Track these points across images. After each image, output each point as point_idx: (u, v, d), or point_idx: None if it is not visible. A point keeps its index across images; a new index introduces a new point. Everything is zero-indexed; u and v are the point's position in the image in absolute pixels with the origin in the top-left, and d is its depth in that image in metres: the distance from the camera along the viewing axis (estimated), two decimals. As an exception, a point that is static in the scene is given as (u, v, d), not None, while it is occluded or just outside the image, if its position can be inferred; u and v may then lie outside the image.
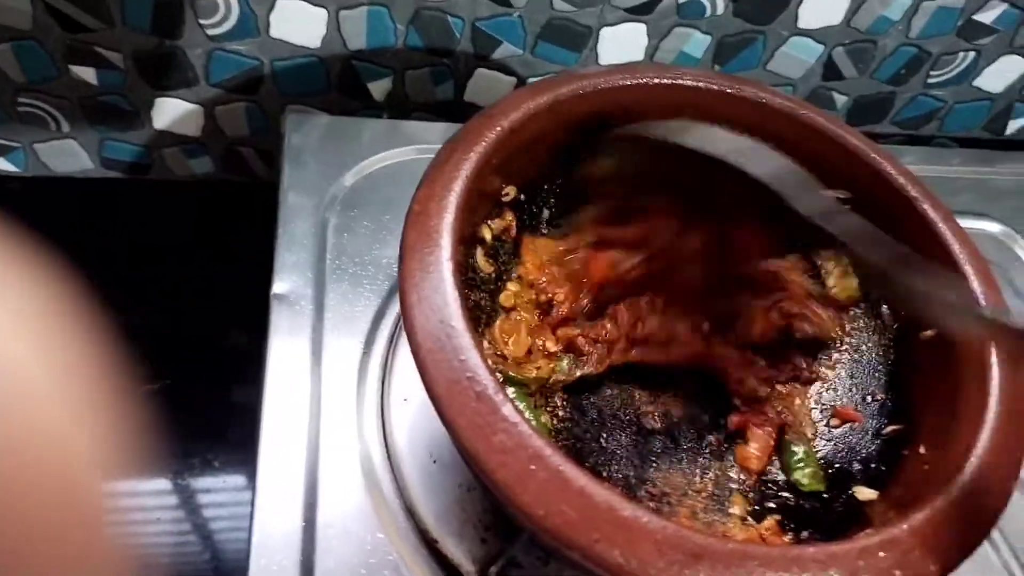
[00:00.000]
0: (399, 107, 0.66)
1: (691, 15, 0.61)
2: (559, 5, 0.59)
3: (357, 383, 0.45)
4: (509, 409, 0.31)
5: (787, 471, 0.41)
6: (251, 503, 0.40)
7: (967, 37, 0.67)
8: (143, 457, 0.23)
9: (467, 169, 0.37)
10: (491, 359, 0.40)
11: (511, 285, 0.43)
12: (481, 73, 0.64)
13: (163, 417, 0.24)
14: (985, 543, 0.45)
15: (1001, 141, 0.78)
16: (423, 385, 0.32)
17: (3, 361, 0.20)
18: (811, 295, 0.43)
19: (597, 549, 0.28)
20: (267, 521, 0.40)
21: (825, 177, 0.43)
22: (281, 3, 0.56)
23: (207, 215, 0.70)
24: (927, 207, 0.40)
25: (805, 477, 0.40)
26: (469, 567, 0.39)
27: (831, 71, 0.68)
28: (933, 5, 0.63)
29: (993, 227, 0.63)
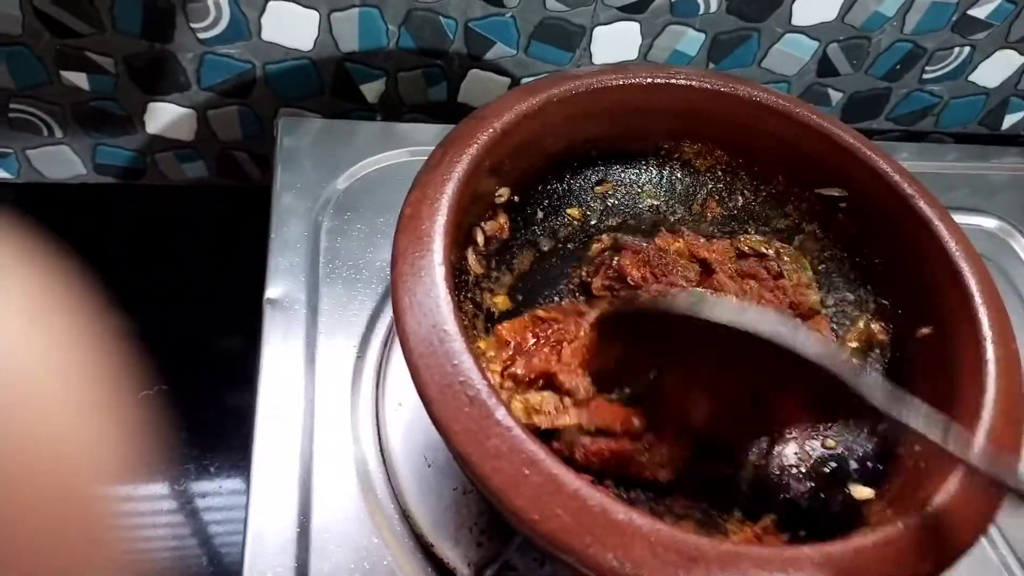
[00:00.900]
0: (393, 109, 0.66)
1: (685, 13, 0.61)
2: (552, 5, 0.59)
3: (351, 387, 0.45)
4: (503, 414, 0.30)
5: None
6: (245, 507, 0.40)
7: (962, 32, 0.67)
8: (142, 461, 0.23)
9: (459, 172, 0.37)
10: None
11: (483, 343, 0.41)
12: (475, 74, 0.64)
13: (158, 421, 0.24)
14: (983, 540, 0.46)
15: (997, 136, 0.78)
16: (416, 389, 0.32)
17: (6, 363, 0.20)
18: None
19: (591, 552, 0.28)
20: (261, 525, 0.39)
21: (820, 175, 0.43)
22: (272, 6, 0.56)
23: (201, 220, 0.70)
24: (923, 205, 0.40)
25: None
26: (465, 571, 0.39)
27: (826, 68, 0.68)
28: (927, 1, 0.63)
29: (989, 222, 0.63)
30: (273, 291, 0.47)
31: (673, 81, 0.42)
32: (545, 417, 0.38)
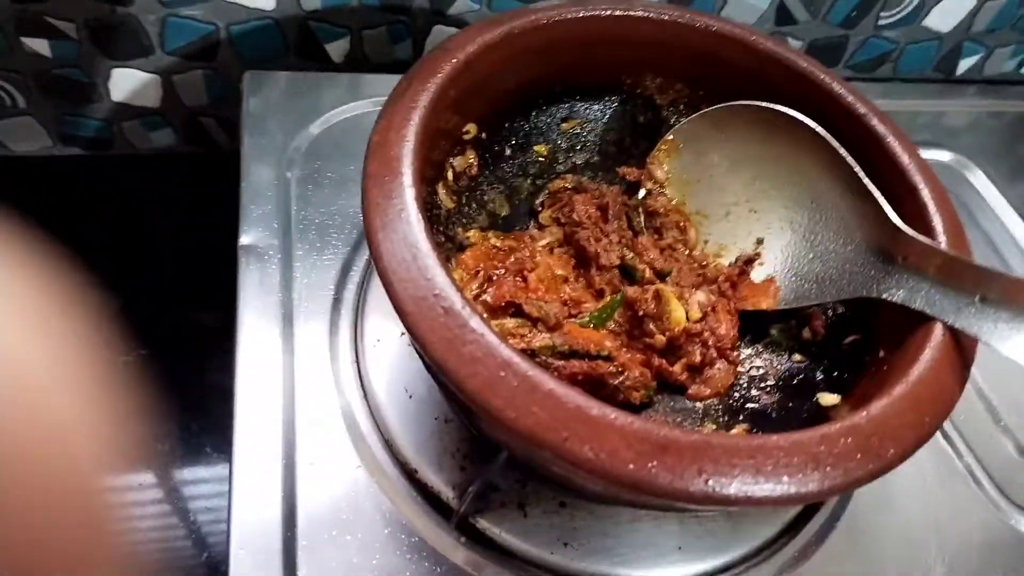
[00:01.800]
0: (358, 68, 0.66)
1: (644, -38, 0.62)
2: (513, -44, 0.59)
3: (329, 329, 0.45)
4: (477, 322, 0.31)
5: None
6: (230, 450, 0.41)
7: (914, -24, 0.68)
8: (136, 439, 0.23)
9: (424, 100, 0.37)
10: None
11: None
12: (439, 30, 0.64)
13: (143, 390, 0.24)
14: (948, 450, 0.47)
15: (953, 81, 0.80)
16: (392, 304, 0.32)
17: (3, 350, 0.20)
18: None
19: (568, 446, 0.29)
20: (247, 464, 0.40)
21: (779, 103, 0.44)
22: (233, -37, 0.56)
23: (172, 189, 0.70)
24: (875, 123, 0.41)
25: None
26: (449, 493, 0.40)
27: (784, 16, 0.69)
28: (879, -56, 0.64)
29: (945, 156, 0.65)
30: (246, 238, 0.47)
31: (632, 13, 0.43)
32: (518, 339, 0.39)
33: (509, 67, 0.42)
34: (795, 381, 0.42)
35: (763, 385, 0.42)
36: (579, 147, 0.49)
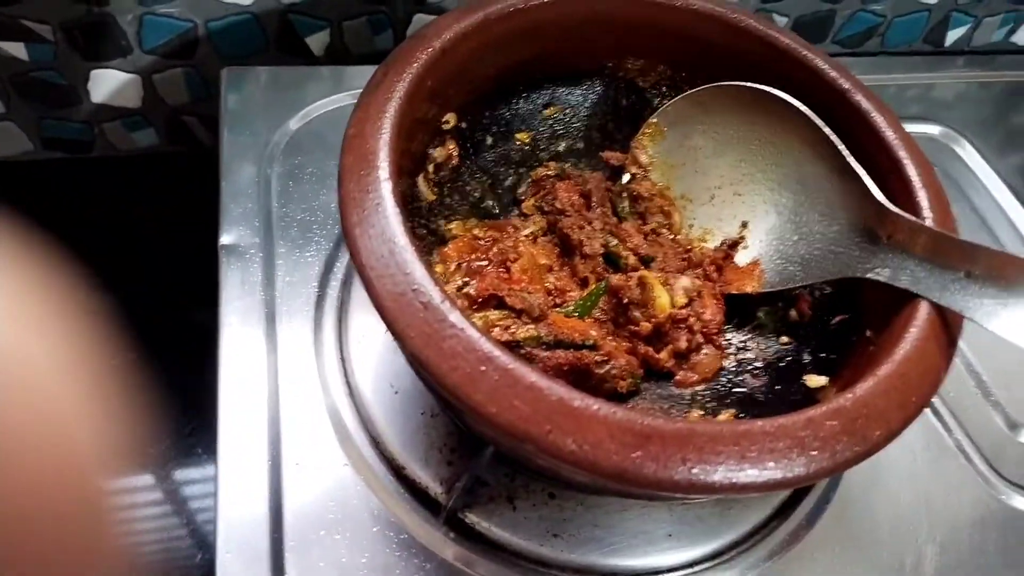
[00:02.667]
0: (340, 61, 0.65)
1: (624, -57, 0.61)
2: (490, -59, 0.59)
3: (313, 327, 0.45)
4: (456, 316, 0.31)
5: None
6: (215, 452, 0.40)
7: (899, -53, 0.67)
8: (135, 442, 0.23)
9: (400, 91, 0.37)
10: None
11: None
12: (420, 19, 0.64)
13: (136, 392, 0.24)
14: (939, 427, 0.47)
15: (942, 53, 0.79)
16: (371, 301, 0.32)
17: (5, 350, 0.20)
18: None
19: (551, 439, 0.29)
20: (233, 465, 0.40)
21: (762, 80, 0.43)
22: (207, -42, 0.55)
23: (158, 189, 0.69)
24: (859, 98, 0.41)
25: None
26: (437, 488, 0.40)
27: (769, -8, 0.69)
28: (862, -83, 0.63)
29: (933, 129, 0.64)
30: (227, 238, 0.47)
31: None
32: (503, 331, 0.39)
33: (487, 54, 0.42)
34: (783, 364, 0.41)
35: (751, 369, 0.42)
36: (562, 134, 0.48)
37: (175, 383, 0.56)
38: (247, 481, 0.39)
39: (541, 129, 0.48)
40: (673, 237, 0.45)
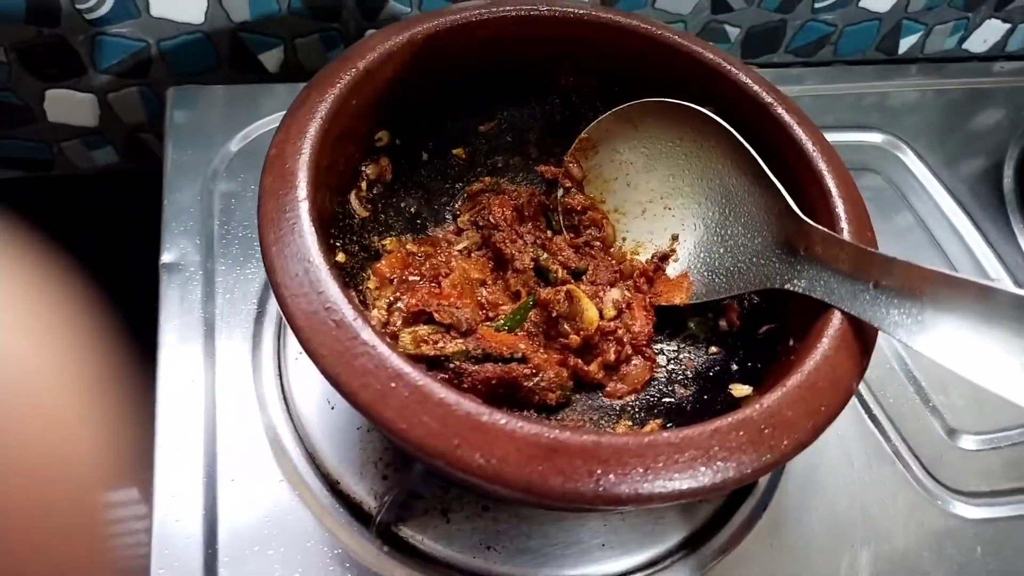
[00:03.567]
0: (295, 77, 0.66)
1: (571, -42, 0.62)
2: (440, -42, 0.59)
3: (252, 343, 0.45)
4: (368, 334, 0.31)
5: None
6: (150, 467, 0.41)
7: (846, -42, 0.68)
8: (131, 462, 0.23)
9: (322, 111, 0.37)
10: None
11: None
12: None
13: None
14: (876, 433, 0.48)
15: (896, 61, 0.80)
16: (286, 320, 0.32)
17: (6, 359, 0.20)
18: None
19: (459, 454, 0.29)
20: (168, 481, 0.40)
21: (689, 95, 0.44)
22: (156, -21, 0.56)
23: (119, 206, 0.70)
24: (781, 111, 0.41)
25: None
26: (372, 503, 0.40)
27: (720, 4, 0.69)
28: (808, -72, 0.64)
29: (877, 137, 0.65)
30: (168, 256, 0.47)
31: (535, 12, 0.43)
32: (431, 346, 0.39)
33: (416, 73, 0.42)
34: (711, 373, 0.42)
35: (680, 379, 0.42)
36: (499, 148, 0.49)
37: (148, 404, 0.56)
38: (182, 498, 0.40)
39: (478, 144, 0.48)
40: (605, 250, 0.46)
